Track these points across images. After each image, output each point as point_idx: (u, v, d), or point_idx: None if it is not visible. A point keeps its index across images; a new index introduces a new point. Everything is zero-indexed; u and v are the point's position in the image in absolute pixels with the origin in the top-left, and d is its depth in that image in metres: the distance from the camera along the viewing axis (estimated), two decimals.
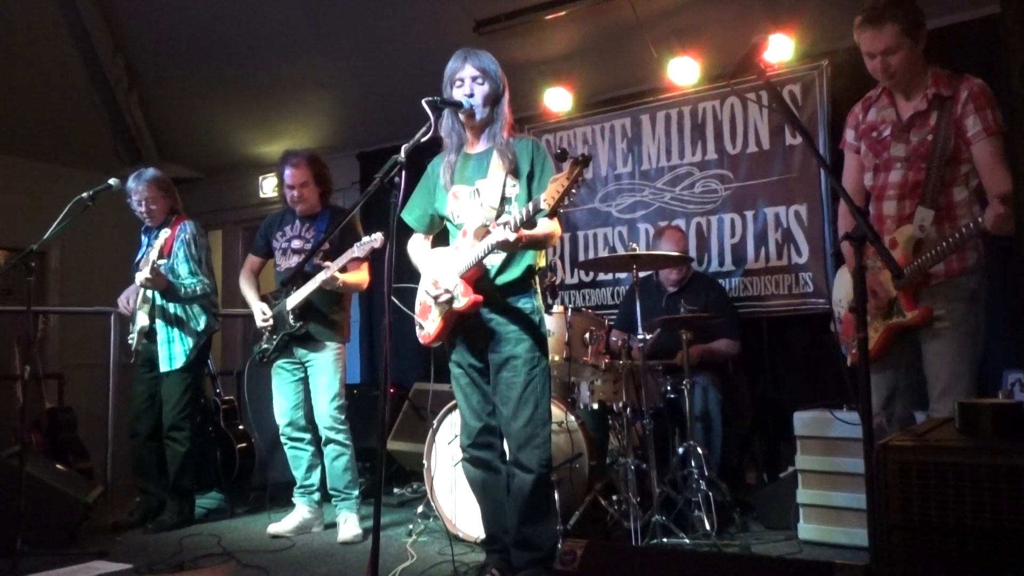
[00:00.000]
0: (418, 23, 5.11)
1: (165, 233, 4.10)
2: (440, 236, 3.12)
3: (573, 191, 2.40)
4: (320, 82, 5.89)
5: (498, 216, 2.73)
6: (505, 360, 2.79)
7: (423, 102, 2.55)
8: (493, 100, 2.82)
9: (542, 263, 2.94)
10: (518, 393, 2.76)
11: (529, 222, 2.55)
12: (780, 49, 4.45)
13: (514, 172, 2.78)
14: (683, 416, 3.83)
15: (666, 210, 5.10)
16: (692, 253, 4.85)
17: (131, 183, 4.24)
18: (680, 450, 3.84)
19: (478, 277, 2.78)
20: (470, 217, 2.82)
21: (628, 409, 3.72)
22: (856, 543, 3.33)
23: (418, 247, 3.09)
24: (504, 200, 2.77)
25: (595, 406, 3.89)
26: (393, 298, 3.30)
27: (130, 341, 4.35)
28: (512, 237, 2.56)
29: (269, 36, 5.52)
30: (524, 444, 2.77)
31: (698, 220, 4.97)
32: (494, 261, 2.81)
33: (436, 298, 2.83)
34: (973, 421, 1.92)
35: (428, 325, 2.93)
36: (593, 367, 3.80)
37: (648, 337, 3.70)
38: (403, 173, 2.35)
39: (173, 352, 4.24)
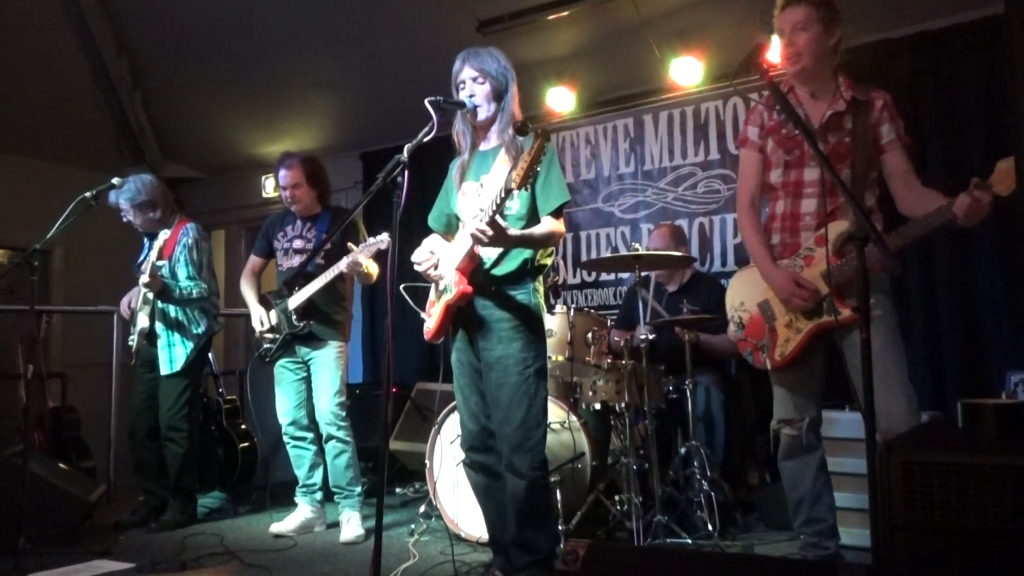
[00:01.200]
0: (421, 23, 5.12)
1: (165, 235, 4.11)
2: None
3: (537, 166, 2.43)
4: (323, 82, 5.90)
5: (499, 209, 2.67)
6: (496, 359, 2.75)
7: (426, 102, 2.56)
8: (496, 97, 2.81)
9: (545, 261, 2.88)
10: (509, 395, 2.72)
11: (530, 215, 2.52)
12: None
13: None
14: (685, 416, 3.83)
15: (669, 210, 5.09)
16: (695, 253, 4.86)
17: (111, 197, 4.16)
18: (682, 450, 3.84)
19: (472, 269, 2.76)
20: (471, 210, 2.82)
21: (630, 409, 3.72)
22: (859, 544, 3.32)
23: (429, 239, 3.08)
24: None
25: (597, 406, 3.89)
26: (404, 294, 3.34)
27: (131, 343, 4.36)
28: (481, 226, 2.51)
29: (272, 36, 5.52)
30: (516, 448, 2.72)
31: (701, 220, 4.97)
32: (490, 253, 2.77)
33: (422, 266, 2.86)
34: (976, 422, 1.92)
35: (430, 320, 2.93)
36: (595, 367, 3.79)
37: (650, 337, 3.70)
38: (406, 173, 2.35)
39: (174, 355, 4.25)
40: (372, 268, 3.88)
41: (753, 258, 2.87)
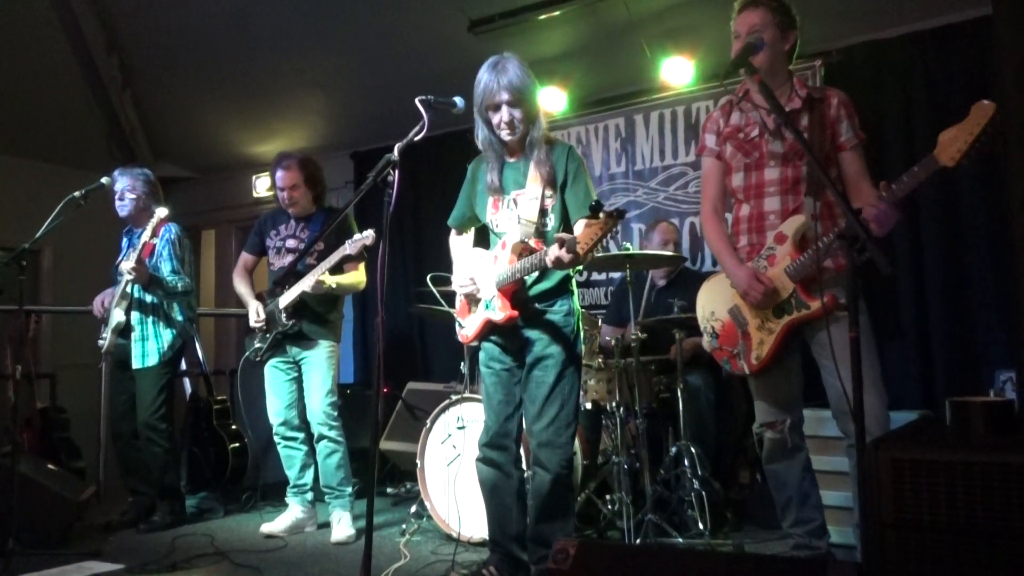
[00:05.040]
0: (412, 22, 5.11)
1: (147, 235, 4.12)
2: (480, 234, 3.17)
3: (606, 241, 2.52)
4: (314, 81, 5.89)
5: (536, 230, 2.78)
6: (537, 359, 2.82)
7: (416, 101, 2.56)
8: (530, 118, 2.82)
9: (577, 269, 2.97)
10: (545, 392, 2.79)
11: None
12: None
13: (551, 183, 2.82)
14: (676, 415, 3.83)
15: (660, 210, 5.10)
16: (686, 252, 4.86)
17: (116, 174, 4.23)
18: (673, 449, 3.84)
19: (515, 290, 2.83)
20: (509, 230, 2.86)
21: (621, 408, 3.72)
22: (850, 542, 3.33)
23: (458, 244, 3.16)
24: (543, 212, 2.81)
25: (588, 405, 3.89)
26: (432, 286, 3.32)
27: (100, 343, 4.28)
28: (567, 258, 2.50)
29: (263, 35, 5.51)
30: (545, 444, 2.78)
31: (692, 220, 4.97)
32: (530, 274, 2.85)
33: (464, 290, 2.92)
34: (965, 419, 1.93)
35: (468, 326, 2.97)
36: (586, 366, 3.79)
37: (641, 335, 3.70)
38: (396, 172, 2.36)
39: (147, 349, 4.23)
40: (348, 279, 3.98)
41: (718, 258, 2.91)
